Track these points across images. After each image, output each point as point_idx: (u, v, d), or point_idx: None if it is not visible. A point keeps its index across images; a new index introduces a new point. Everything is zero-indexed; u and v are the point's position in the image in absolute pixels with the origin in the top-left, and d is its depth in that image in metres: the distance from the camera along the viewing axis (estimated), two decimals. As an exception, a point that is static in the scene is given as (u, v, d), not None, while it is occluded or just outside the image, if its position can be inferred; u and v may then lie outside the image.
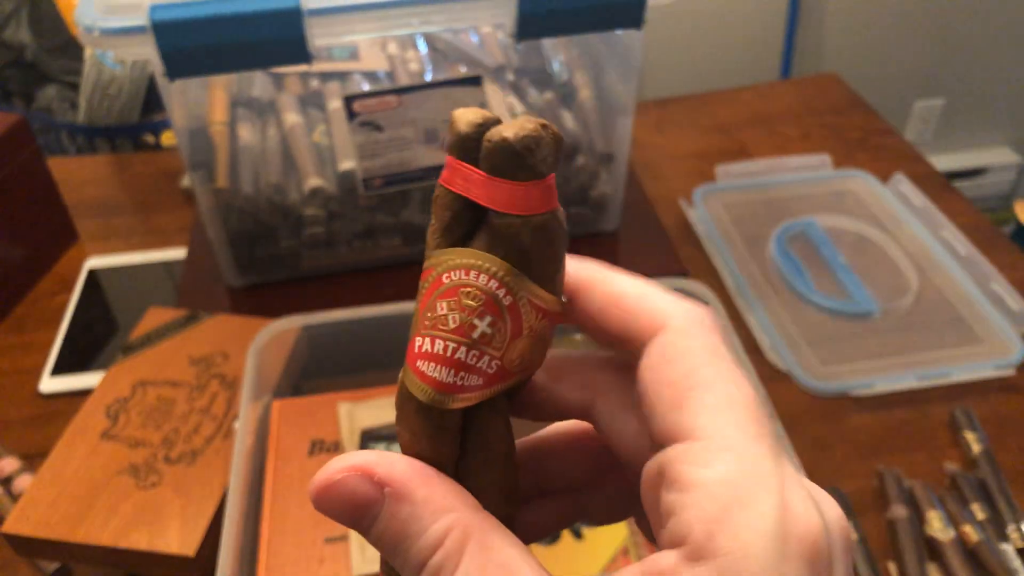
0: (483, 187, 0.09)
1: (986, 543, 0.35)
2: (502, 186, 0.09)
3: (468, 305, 0.10)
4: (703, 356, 0.10)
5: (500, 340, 0.10)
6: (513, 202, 0.09)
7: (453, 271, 0.10)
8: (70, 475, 0.35)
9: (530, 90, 0.49)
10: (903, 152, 0.62)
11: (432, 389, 0.10)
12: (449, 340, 0.10)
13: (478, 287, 0.10)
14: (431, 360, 0.10)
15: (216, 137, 0.44)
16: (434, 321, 0.10)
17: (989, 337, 0.46)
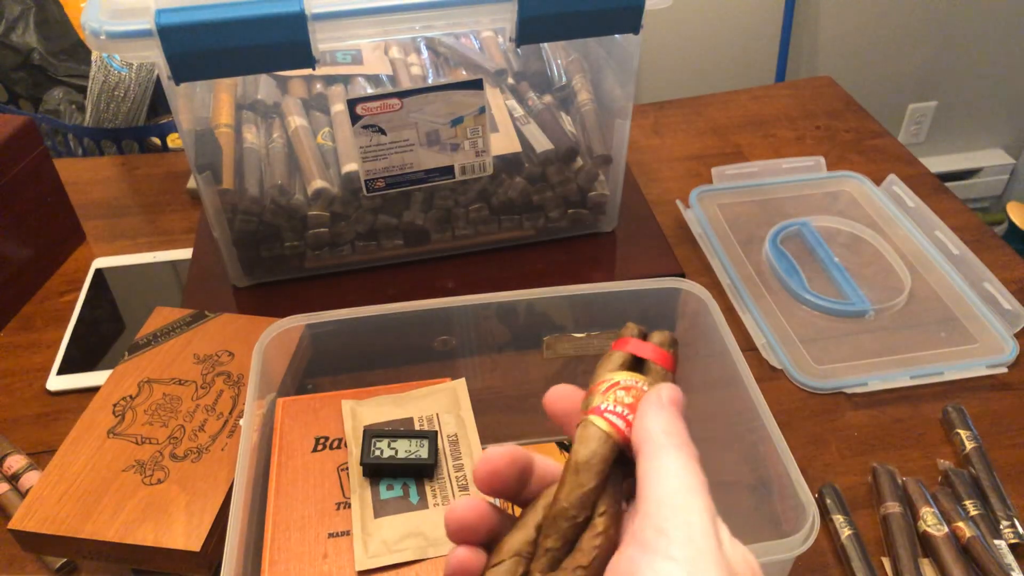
0: (654, 352, 0.19)
1: (979, 539, 0.35)
2: (663, 352, 0.19)
3: (636, 395, 0.18)
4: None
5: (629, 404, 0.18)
6: (665, 361, 0.19)
7: (627, 380, 0.18)
8: (77, 472, 0.35)
9: (530, 93, 0.50)
10: (896, 154, 0.63)
11: (614, 430, 0.17)
12: (624, 407, 0.17)
13: (642, 390, 0.18)
14: (614, 415, 0.17)
15: (221, 139, 0.45)
16: (615, 398, 0.18)
17: (981, 336, 0.46)
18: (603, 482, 0.16)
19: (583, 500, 0.16)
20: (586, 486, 0.16)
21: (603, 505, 0.16)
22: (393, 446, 0.33)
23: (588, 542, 0.16)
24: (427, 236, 0.49)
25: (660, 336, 0.19)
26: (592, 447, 0.17)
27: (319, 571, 0.30)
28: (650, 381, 0.18)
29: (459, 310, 0.36)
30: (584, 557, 0.16)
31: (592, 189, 0.50)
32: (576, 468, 0.17)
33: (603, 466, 0.16)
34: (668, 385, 0.17)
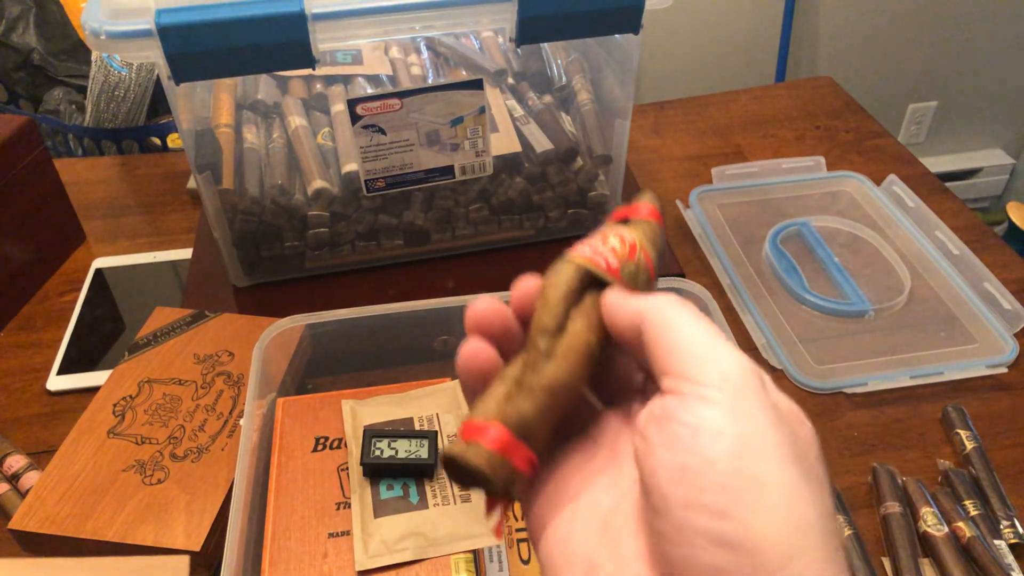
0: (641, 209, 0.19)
1: (979, 539, 0.35)
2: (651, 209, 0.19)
3: (610, 235, 0.18)
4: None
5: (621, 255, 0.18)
6: (650, 215, 0.19)
7: (612, 231, 0.18)
8: (77, 472, 0.35)
9: (530, 93, 0.50)
10: (896, 154, 0.63)
11: (581, 256, 0.17)
12: (597, 242, 0.18)
13: (618, 231, 0.18)
14: (585, 245, 0.18)
15: (222, 139, 0.45)
16: (592, 243, 0.18)
17: (981, 336, 0.46)
18: (573, 296, 0.16)
19: (552, 311, 0.16)
20: (552, 299, 0.16)
21: (575, 316, 0.16)
22: (393, 446, 0.33)
23: (563, 343, 0.16)
24: (427, 236, 0.49)
25: (644, 196, 0.19)
26: (557, 272, 0.17)
27: (319, 571, 0.30)
28: (631, 229, 0.18)
29: (459, 310, 0.37)
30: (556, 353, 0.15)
31: (592, 189, 0.50)
32: (542, 291, 0.16)
33: (568, 284, 0.16)
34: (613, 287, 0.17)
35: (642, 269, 0.17)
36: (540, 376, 0.15)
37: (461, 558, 0.30)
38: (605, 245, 0.17)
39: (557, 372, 0.15)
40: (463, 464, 0.14)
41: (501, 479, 0.15)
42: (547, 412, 0.15)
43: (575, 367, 0.16)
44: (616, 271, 0.17)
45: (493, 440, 0.15)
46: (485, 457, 0.14)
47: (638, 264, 0.17)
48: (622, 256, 0.17)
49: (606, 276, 0.17)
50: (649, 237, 0.18)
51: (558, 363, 0.15)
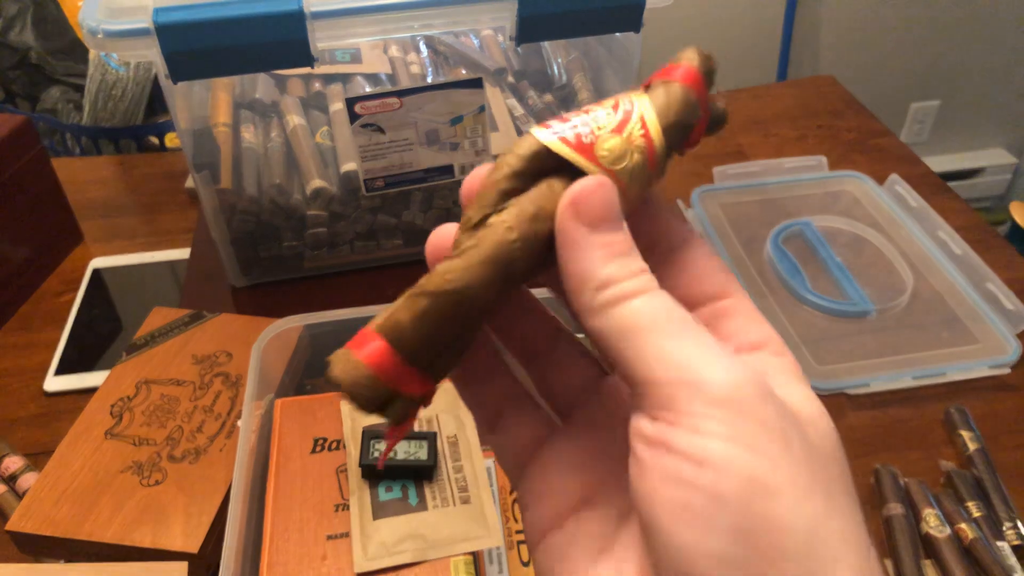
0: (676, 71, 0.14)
1: (982, 540, 0.35)
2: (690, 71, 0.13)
3: (603, 102, 0.13)
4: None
5: (603, 124, 0.13)
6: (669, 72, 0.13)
7: (624, 99, 0.13)
8: (74, 473, 0.35)
9: (530, 92, 0.50)
10: (899, 153, 0.62)
11: (543, 128, 0.13)
12: (573, 113, 0.13)
13: (616, 97, 0.13)
14: (554, 117, 0.13)
15: (219, 138, 0.45)
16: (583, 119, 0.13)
17: (984, 336, 0.46)
18: (514, 180, 0.12)
19: (486, 195, 0.12)
20: (490, 179, 0.12)
21: (513, 204, 0.12)
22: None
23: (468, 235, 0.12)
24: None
25: (690, 53, 0.14)
26: (520, 145, 0.13)
27: (318, 573, 0.29)
28: (644, 99, 0.13)
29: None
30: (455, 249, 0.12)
31: (592, 188, 0.49)
32: (496, 165, 0.13)
33: (518, 164, 0.12)
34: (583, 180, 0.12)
35: (634, 150, 0.12)
36: (430, 278, 0.12)
37: (461, 560, 0.30)
38: (590, 118, 0.13)
39: (448, 274, 0.12)
40: (328, 378, 0.12)
41: (368, 399, 0.12)
42: (431, 326, 0.12)
43: (475, 271, 0.12)
44: (590, 150, 0.12)
45: (368, 354, 0.12)
46: (350, 372, 0.12)
47: (628, 142, 0.12)
48: (607, 124, 0.12)
49: (573, 157, 0.12)
50: (662, 106, 0.13)
51: (454, 263, 0.12)
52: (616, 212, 0.12)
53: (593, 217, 0.12)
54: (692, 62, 0.13)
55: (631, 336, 0.12)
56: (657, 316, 0.12)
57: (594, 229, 0.12)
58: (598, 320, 0.12)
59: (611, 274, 0.12)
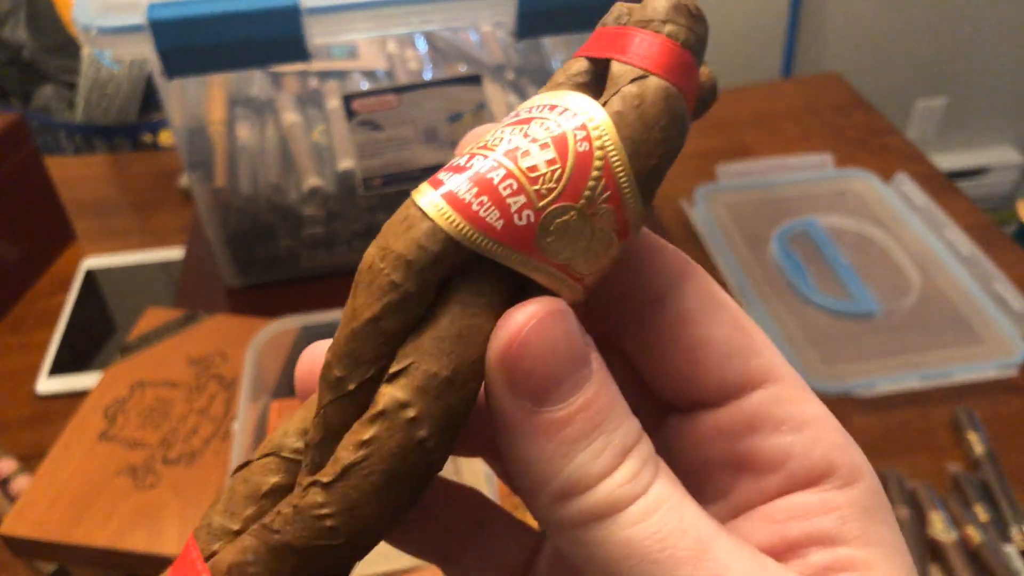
0: (649, 48, 0.08)
1: (989, 544, 0.35)
2: (671, 51, 0.08)
3: (535, 131, 0.08)
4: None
5: (547, 189, 0.07)
6: (647, 54, 0.07)
7: (537, 105, 0.08)
8: (68, 476, 0.34)
9: (530, 89, 0.49)
10: (905, 151, 0.62)
11: (440, 200, 0.07)
12: (489, 156, 0.07)
13: (557, 120, 0.08)
14: (454, 171, 0.08)
15: (214, 136, 0.44)
16: (485, 142, 0.08)
17: (991, 337, 0.46)
18: (402, 311, 0.08)
19: (353, 346, 0.08)
20: (360, 316, 0.07)
21: (404, 359, 0.08)
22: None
23: (350, 436, 0.08)
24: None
25: (672, 19, 0.08)
26: (386, 238, 0.08)
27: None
28: (614, 121, 0.08)
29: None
30: (332, 466, 0.08)
31: (594, 187, 0.49)
32: (354, 284, 0.08)
33: (399, 274, 0.07)
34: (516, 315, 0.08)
35: (598, 223, 0.08)
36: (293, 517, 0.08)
37: (459, 567, 0.29)
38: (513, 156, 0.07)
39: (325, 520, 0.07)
40: None
41: None
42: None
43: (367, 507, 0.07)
44: (529, 240, 0.07)
45: None
46: None
47: (587, 214, 0.07)
48: (551, 185, 0.07)
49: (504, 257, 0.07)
50: (636, 135, 0.08)
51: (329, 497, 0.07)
52: (576, 352, 0.08)
53: (534, 383, 0.08)
54: (671, 31, 0.08)
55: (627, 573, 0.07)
56: (664, 543, 0.07)
57: (542, 401, 0.08)
58: (569, 546, 0.08)
59: (576, 472, 0.08)
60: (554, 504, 0.08)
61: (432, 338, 0.08)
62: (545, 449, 0.08)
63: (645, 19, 0.08)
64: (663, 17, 0.08)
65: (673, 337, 0.09)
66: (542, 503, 0.08)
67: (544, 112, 0.08)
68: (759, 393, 0.09)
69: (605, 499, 0.08)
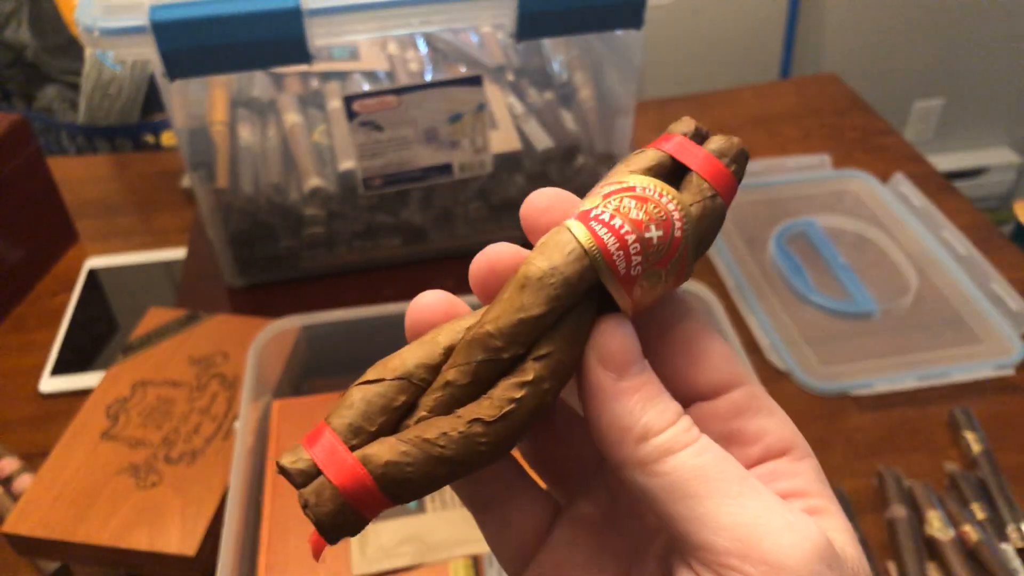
0: (704, 160, 0.12)
1: (986, 543, 0.35)
2: (718, 164, 0.12)
3: (652, 212, 0.12)
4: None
5: (652, 256, 0.12)
6: (718, 179, 0.12)
7: (648, 187, 0.12)
8: (70, 475, 0.35)
9: (530, 90, 0.49)
10: (903, 152, 0.62)
11: (596, 246, 0.11)
12: (627, 222, 0.11)
13: (665, 208, 0.12)
14: (606, 226, 0.11)
15: (216, 137, 0.44)
16: (619, 206, 0.12)
17: (989, 337, 0.46)
18: (556, 313, 0.11)
19: (517, 329, 0.11)
20: (529, 311, 0.11)
21: (547, 346, 0.11)
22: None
23: (504, 391, 0.11)
24: (425, 235, 0.49)
25: (719, 141, 0.12)
26: (554, 259, 0.11)
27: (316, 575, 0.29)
28: (680, 201, 0.12)
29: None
30: (491, 409, 0.11)
31: (593, 187, 0.49)
32: (522, 283, 0.11)
33: (562, 290, 0.11)
34: (612, 322, 0.11)
35: (668, 278, 0.11)
36: (452, 432, 0.11)
37: (460, 563, 0.29)
38: (635, 229, 0.11)
39: (481, 438, 0.11)
40: (305, 505, 0.11)
41: (340, 532, 0.11)
42: (435, 479, 0.11)
43: (510, 439, 0.11)
44: (633, 282, 0.11)
45: (354, 491, 0.11)
46: (328, 509, 0.11)
47: (666, 272, 0.11)
48: (650, 261, 0.11)
49: (616, 292, 0.11)
50: (702, 227, 0.12)
51: (491, 428, 0.11)
52: (638, 351, 0.12)
53: (620, 362, 0.11)
54: (725, 158, 0.12)
55: (683, 497, 0.11)
56: (710, 474, 0.11)
57: (622, 375, 0.11)
58: (644, 477, 0.11)
59: (649, 422, 0.11)
60: (637, 444, 0.11)
61: (563, 336, 0.12)
62: (627, 404, 0.11)
63: (720, 152, 0.13)
64: (731, 158, 0.13)
65: (683, 348, 0.13)
66: (627, 446, 0.11)
67: (656, 195, 0.12)
68: (740, 390, 0.13)
69: (673, 439, 0.11)
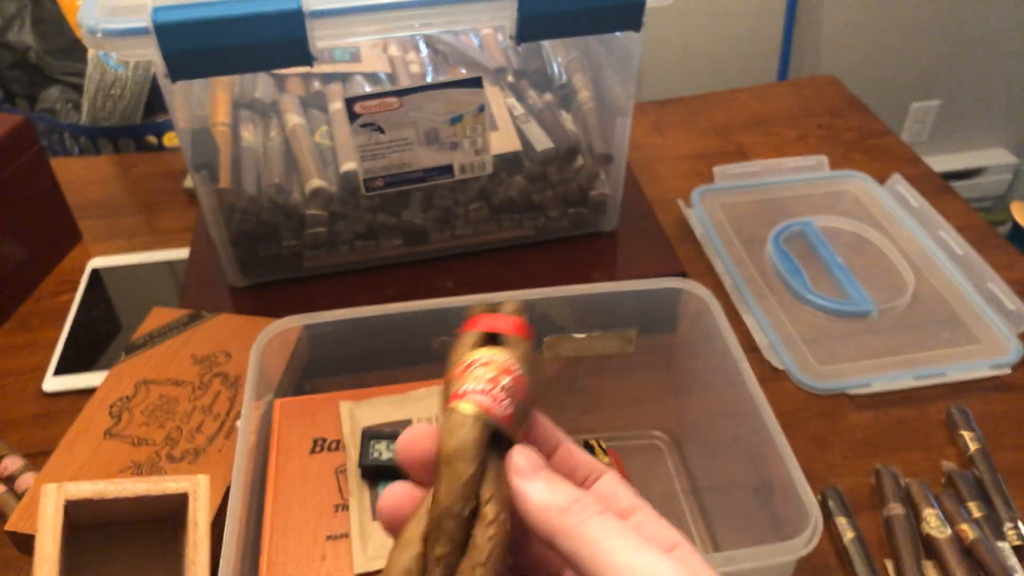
0: (507, 322, 0.17)
1: (982, 541, 0.35)
2: (517, 320, 0.17)
3: (498, 368, 0.16)
4: None
5: (513, 395, 0.16)
6: (521, 330, 0.17)
7: (486, 356, 0.16)
8: (73, 473, 0.35)
9: (530, 91, 0.50)
10: (900, 153, 0.62)
11: (480, 409, 0.15)
12: (488, 383, 0.16)
13: (504, 363, 0.17)
14: (478, 393, 0.16)
15: (218, 138, 0.44)
16: (476, 376, 0.16)
17: (985, 336, 0.46)
18: (481, 467, 0.15)
19: (464, 491, 0.15)
20: (463, 475, 0.15)
21: (487, 491, 0.15)
22: (392, 448, 0.32)
23: (481, 536, 0.14)
24: (426, 236, 0.49)
25: (510, 305, 0.17)
26: (461, 433, 0.15)
27: (317, 573, 0.29)
28: (509, 354, 0.16)
29: (459, 310, 0.36)
30: (480, 553, 0.14)
31: (593, 188, 0.49)
32: (448, 459, 0.15)
33: (477, 450, 0.15)
34: (516, 451, 0.16)
35: (527, 410, 0.16)
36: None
37: (460, 561, 0.29)
38: (496, 385, 0.16)
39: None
40: None
41: None
42: None
43: (499, 570, 0.14)
44: (511, 418, 0.15)
45: None
46: None
47: (527, 404, 0.16)
48: (515, 398, 0.16)
49: (509, 432, 0.15)
50: (528, 364, 0.17)
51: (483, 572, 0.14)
52: (538, 459, 0.16)
53: (530, 469, 0.16)
54: (523, 315, 0.18)
55: (595, 551, 0.15)
56: (612, 531, 0.15)
57: (534, 477, 0.16)
58: (569, 540, 0.15)
59: (561, 500, 0.15)
60: (560, 515, 0.15)
61: (492, 478, 0.15)
62: (544, 492, 0.16)
63: (514, 312, 0.18)
64: (519, 312, 0.18)
65: (563, 458, 0.17)
66: (553, 517, 0.15)
67: (494, 358, 0.16)
68: (604, 479, 0.17)
69: (582, 508, 0.15)
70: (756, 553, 0.27)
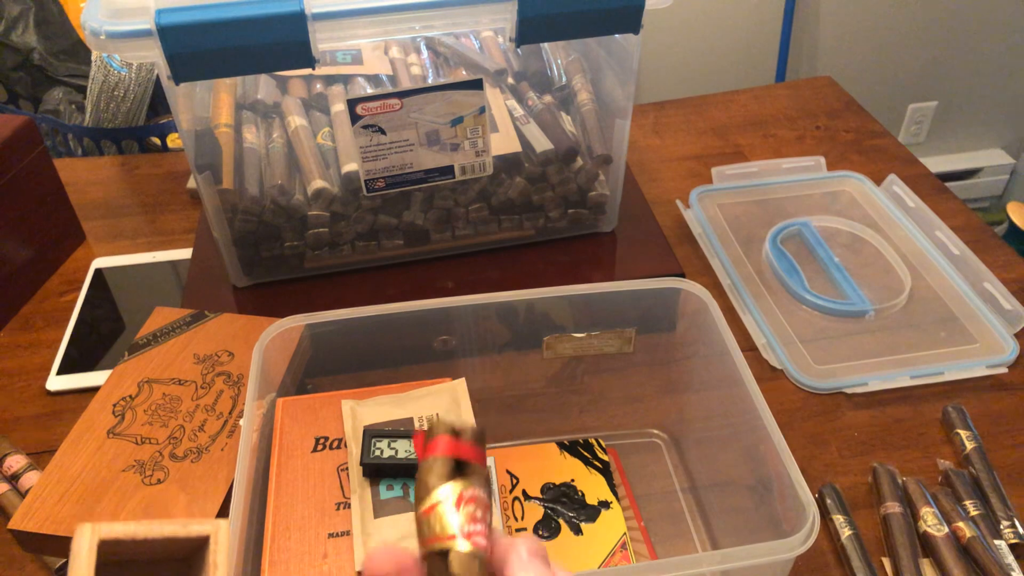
0: (468, 450, 0.18)
1: (979, 539, 0.35)
2: (475, 447, 0.18)
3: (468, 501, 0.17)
4: None
5: (486, 520, 0.18)
6: (479, 457, 0.18)
7: (454, 493, 0.18)
8: (77, 472, 0.35)
9: (530, 93, 0.50)
10: (896, 154, 0.63)
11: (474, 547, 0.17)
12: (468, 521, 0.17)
13: (472, 494, 0.18)
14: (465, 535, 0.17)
15: (221, 139, 0.45)
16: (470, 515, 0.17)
17: (982, 336, 0.46)
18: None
19: None
20: None
21: None
22: (393, 446, 0.33)
23: None
24: (427, 236, 0.49)
25: (472, 433, 0.19)
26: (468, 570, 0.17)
27: (319, 571, 0.30)
28: (482, 486, 0.18)
29: (459, 310, 0.36)
30: None
31: (592, 189, 0.50)
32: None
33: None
34: (526, 540, 0.17)
35: (491, 520, 0.18)
36: None
37: (461, 558, 0.30)
38: (484, 523, 0.17)
39: None
40: None
41: None
42: None
43: None
44: (487, 538, 0.17)
45: None
46: None
47: (491, 518, 0.18)
48: (485, 517, 0.17)
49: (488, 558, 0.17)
50: (487, 485, 0.18)
51: None
52: None
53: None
54: (482, 444, 0.19)
55: None
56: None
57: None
58: None
59: None
60: None
61: None
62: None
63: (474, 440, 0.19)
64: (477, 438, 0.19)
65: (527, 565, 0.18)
66: None
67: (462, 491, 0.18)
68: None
69: None
70: (754, 551, 0.27)
